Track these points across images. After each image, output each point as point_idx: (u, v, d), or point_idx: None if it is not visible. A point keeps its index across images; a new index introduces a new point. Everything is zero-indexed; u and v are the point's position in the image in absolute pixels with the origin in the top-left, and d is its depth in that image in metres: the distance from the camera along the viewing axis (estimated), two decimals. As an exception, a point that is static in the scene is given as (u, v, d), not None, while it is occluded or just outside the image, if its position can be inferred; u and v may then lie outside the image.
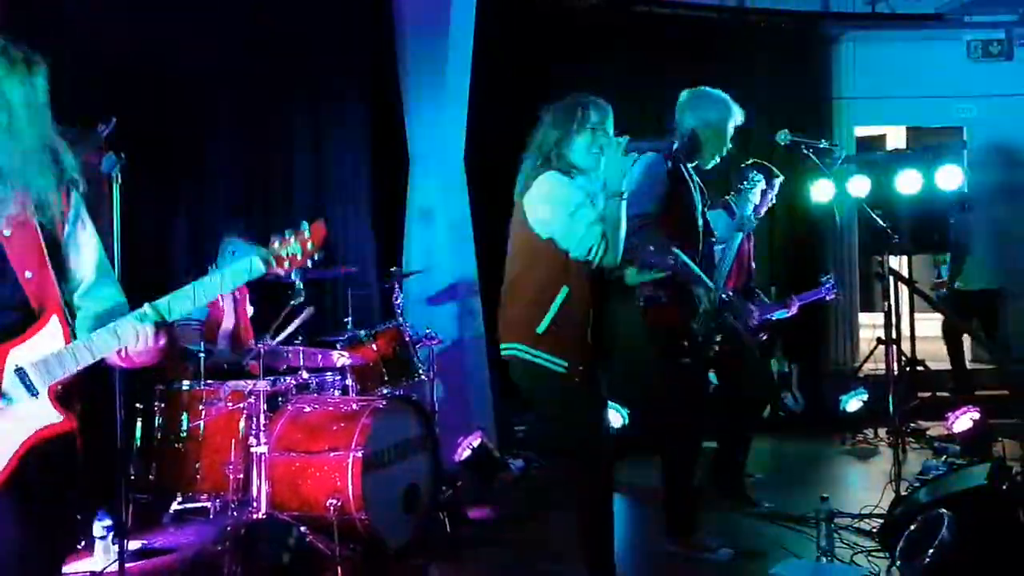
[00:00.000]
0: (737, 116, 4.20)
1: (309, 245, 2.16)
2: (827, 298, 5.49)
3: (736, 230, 4.33)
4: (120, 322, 2.07)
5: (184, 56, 5.44)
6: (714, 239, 4.25)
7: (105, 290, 2.23)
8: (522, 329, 3.21)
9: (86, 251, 2.22)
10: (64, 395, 2.08)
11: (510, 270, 3.32)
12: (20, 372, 2.03)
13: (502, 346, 3.30)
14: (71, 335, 2.08)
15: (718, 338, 4.02)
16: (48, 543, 2.11)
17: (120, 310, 2.17)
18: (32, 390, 2.04)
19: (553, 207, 3.13)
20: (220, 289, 2.14)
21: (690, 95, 4.21)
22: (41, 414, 2.05)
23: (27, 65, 2.07)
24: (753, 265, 5.15)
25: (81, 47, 4.76)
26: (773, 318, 5.18)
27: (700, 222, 4.05)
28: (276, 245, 2.15)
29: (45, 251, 2.08)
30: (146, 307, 2.09)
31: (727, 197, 4.71)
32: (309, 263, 2.17)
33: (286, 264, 2.14)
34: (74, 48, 4.68)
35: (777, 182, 4.86)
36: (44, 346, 2.05)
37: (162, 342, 2.11)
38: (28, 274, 2.07)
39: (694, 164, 4.14)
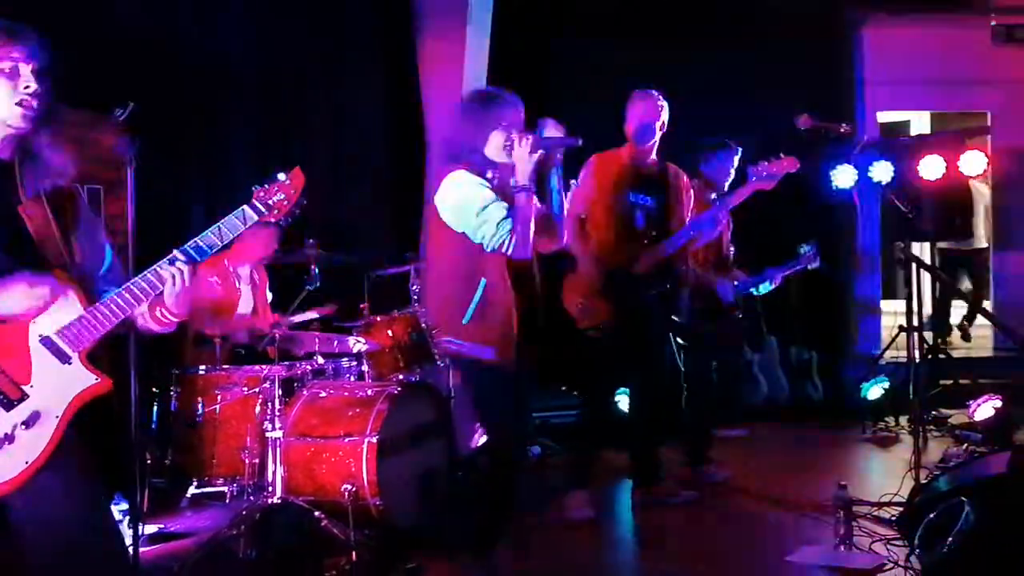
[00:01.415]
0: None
1: (292, 190, 2.31)
2: (809, 267, 5.46)
3: None
4: (152, 270, 2.17)
5: (200, 40, 5.45)
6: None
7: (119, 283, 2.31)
8: (449, 322, 3.30)
9: (101, 245, 2.35)
10: (96, 357, 2.16)
11: (431, 267, 3.46)
12: (46, 341, 2.09)
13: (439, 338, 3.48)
14: (87, 302, 2.14)
15: None
16: (100, 502, 2.20)
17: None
18: (63, 357, 2.10)
19: (463, 206, 3.19)
20: (221, 240, 2.25)
21: None
22: (77, 378, 2.11)
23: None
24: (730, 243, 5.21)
25: (97, 31, 4.77)
26: (754, 292, 5.19)
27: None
28: (261, 194, 2.28)
29: (60, 239, 2.17)
30: (175, 252, 2.20)
31: None
32: (296, 210, 2.33)
33: (275, 211, 2.29)
34: (91, 32, 4.69)
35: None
36: (63, 314, 2.11)
37: (190, 284, 2.20)
38: (51, 256, 2.15)
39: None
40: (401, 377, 4.61)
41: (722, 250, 5.13)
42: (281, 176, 2.29)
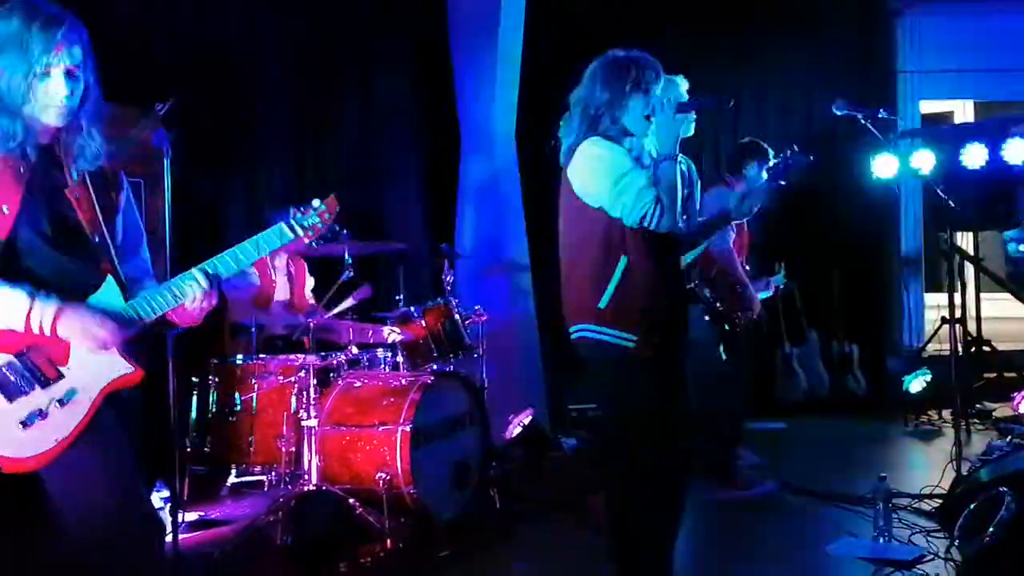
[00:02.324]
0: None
1: (326, 215, 2.41)
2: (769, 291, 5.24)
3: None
4: (174, 282, 2.23)
5: (237, 38, 5.52)
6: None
7: (150, 266, 2.41)
8: (585, 307, 2.91)
9: (139, 226, 2.41)
10: (132, 349, 2.21)
11: (565, 246, 3.02)
12: None
13: (570, 329, 2.99)
14: (127, 295, 2.20)
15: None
16: (134, 486, 2.23)
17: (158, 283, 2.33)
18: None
19: (599, 176, 2.85)
20: (258, 253, 2.32)
21: None
22: (112, 365, 2.17)
23: None
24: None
25: (136, 31, 4.86)
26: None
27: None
28: (298, 216, 2.39)
29: (102, 221, 2.22)
30: (195, 270, 2.25)
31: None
32: (329, 234, 2.45)
33: (309, 233, 2.39)
34: (130, 31, 4.78)
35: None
36: (106, 303, 2.17)
37: (213, 302, 2.28)
38: (96, 238, 2.21)
39: None
40: (435, 367, 4.63)
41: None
42: (316, 203, 2.41)
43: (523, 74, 6.22)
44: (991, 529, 3.08)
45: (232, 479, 4.61)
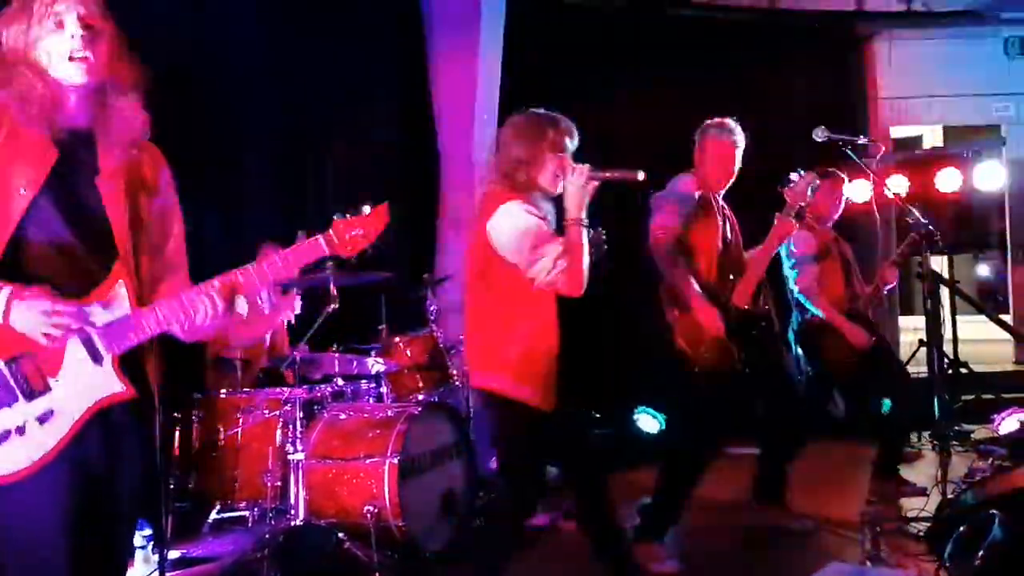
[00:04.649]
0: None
1: (373, 229, 2.14)
2: None
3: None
4: (188, 294, 2.04)
5: (217, 56, 5.49)
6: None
7: (181, 263, 2.24)
8: (488, 356, 3.07)
9: (173, 221, 2.24)
10: (130, 364, 2.02)
11: (473, 296, 3.14)
12: (84, 336, 1.97)
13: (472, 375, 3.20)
14: (137, 301, 2.02)
15: (741, 355, 3.92)
16: (108, 519, 2.04)
17: (185, 284, 2.15)
18: (97, 357, 1.98)
19: (519, 238, 2.94)
20: (284, 269, 2.10)
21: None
22: (104, 382, 1.99)
23: None
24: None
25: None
26: None
27: (719, 244, 4.01)
28: (340, 227, 2.12)
29: (128, 211, 2.07)
30: (215, 281, 2.07)
31: None
32: (370, 248, 2.15)
33: (349, 247, 2.13)
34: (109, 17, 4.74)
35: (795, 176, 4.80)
36: (112, 309, 2.00)
37: (229, 317, 2.09)
38: (118, 228, 2.04)
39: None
40: (420, 397, 4.61)
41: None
42: (366, 209, 2.14)
43: (502, 98, 6.27)
44: (981, 552, 3.09)
45: (215, 515, 4.54)
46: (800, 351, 5.11)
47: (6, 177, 1.96)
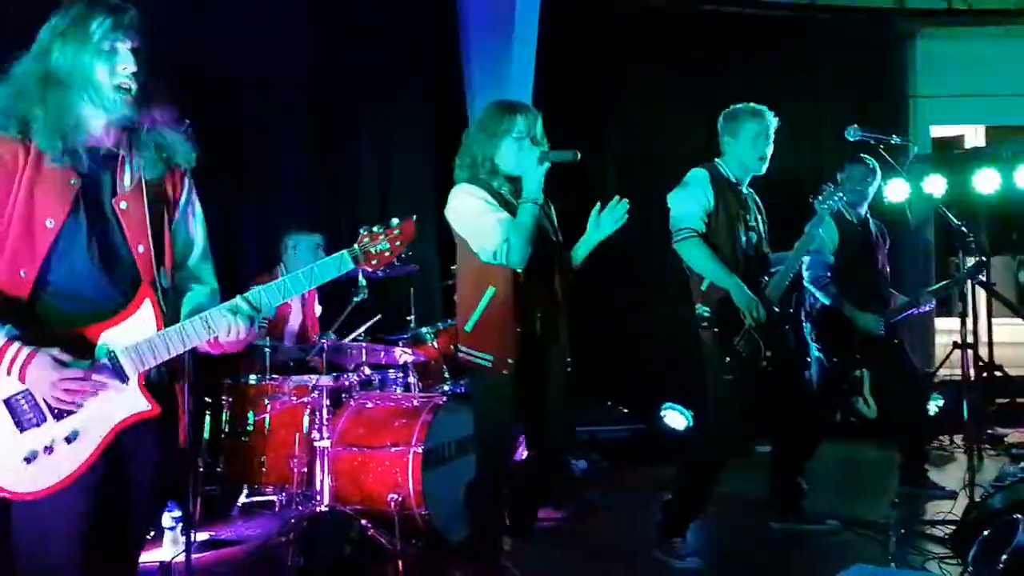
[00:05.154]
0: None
1: (398, 243, 2.11)
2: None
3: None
4: (212, 312, 2.04)
5: (252, 59, 5.56)
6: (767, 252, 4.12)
7: (205, 277, 2.23)
8: (459, 329, 3.35)
9: (194, 236, 2.23)
10: (155, 382, 2.05)
11: (457, 275, 3.47)
12: (111, 356, 1.98)
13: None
14: (163, 321, 2.02)
15: (768, 353, 3.90)
16: (127, 531, 2.10)
17: (212, 299, 2.16)
18: (122, 377, 1.99)
19: (462, 216, 3.26)
20: (309, 284, 2.08)
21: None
22: (129, 402, 2.00)
23: None
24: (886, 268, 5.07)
25: (154, 53, 4.89)
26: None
27: (743, 237, 3.95)
28: (366, 240, 2.10)
29: (150, 230, 2.06)
30: (238, 299, 2.06)
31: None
32: (397, 262, 2.13)
33: (374, 262, 2.10)
34: (148, 54, 4.80)
35: (858, 172, 4.75)
36: (137, 331, 2.00)
37: (253, 333, 2.07)
38: (140, 249, 2.05)
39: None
40: (447, 388, 4.65)
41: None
42: (395, 221, 2.11)
43: (535, 94, 6.27)
44: (1005, 556, 3.06)
45: (243, 499, 4.61)
46: (813, 337, 5.07)
47: (31, 210, 1.97)
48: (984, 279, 6.83)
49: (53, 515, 1.95)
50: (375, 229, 2.11)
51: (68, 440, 1.95)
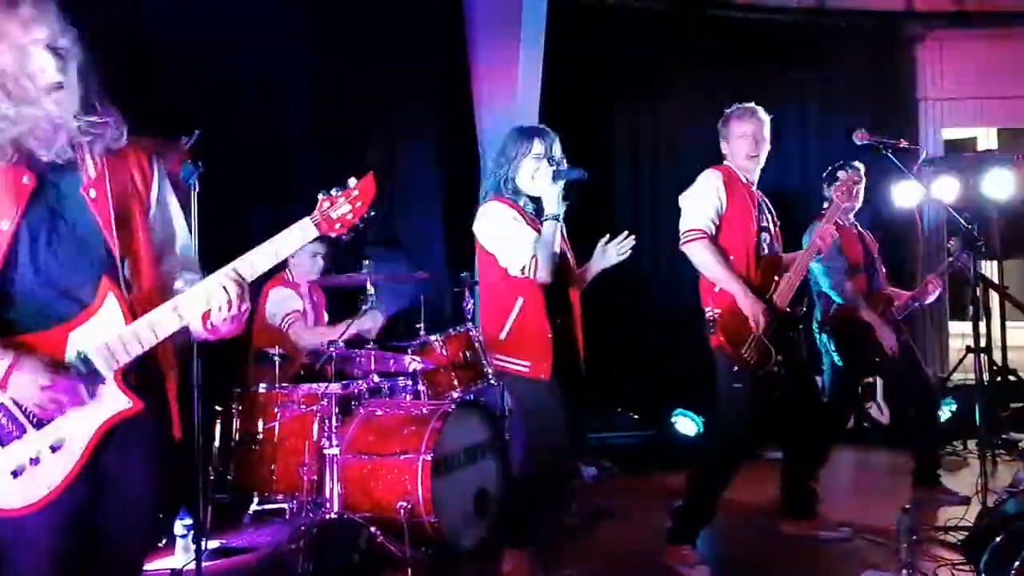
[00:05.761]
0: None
1: (359, 203, 2.03)
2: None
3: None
4: (179, 299, 1.97)
5: (258, 63, 5.57)
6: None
7: (191, 267, 2.18)
8: (492, 340, 3.61)
9: (174, 226, 2.18)
10: (133, 378, 1.98)
11: (480, 286, 3.75)
12: (83, 358, 1.92)
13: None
14: (131, 316, 1.96)
15: (778, 358, 3.88)
16: (131, 536, 2.06)
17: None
18: (98, 377, 1.93)
19: (491, 232, 3.53)
20: (276, 257, 2.05)
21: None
22: (109, 402, 1.95)
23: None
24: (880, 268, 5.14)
25: (160, 59, 4.93)
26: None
27: (755, 238, 3.98)
28: (326, 206, 2.03)
29: (116, 223, 1.99)
30: (220, 274, 2.01)
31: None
32: (360, 224, 2.05)
33: (337, 226, 2.03)
34: (153, 60, 4.84)
35: (842, 174, 4.75)
36: (104, 328, 1.93)
37: (246, 307, 2.02)
38: (108, 240, 1.98)
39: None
40: (456, 395, 4.64)
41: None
42: (352, 182, 2.03)
43: (543, 99, 6.27)
44: (1018, 563, 3.04)
45: (254, 507, 4.62)
46: (825, 339, 5.08)
47: None
48: (993, 279, 6.82)
49: (39, 524, 1.89)
50: (333, 192, 2.04)
51: (53, 449, 1.90)
